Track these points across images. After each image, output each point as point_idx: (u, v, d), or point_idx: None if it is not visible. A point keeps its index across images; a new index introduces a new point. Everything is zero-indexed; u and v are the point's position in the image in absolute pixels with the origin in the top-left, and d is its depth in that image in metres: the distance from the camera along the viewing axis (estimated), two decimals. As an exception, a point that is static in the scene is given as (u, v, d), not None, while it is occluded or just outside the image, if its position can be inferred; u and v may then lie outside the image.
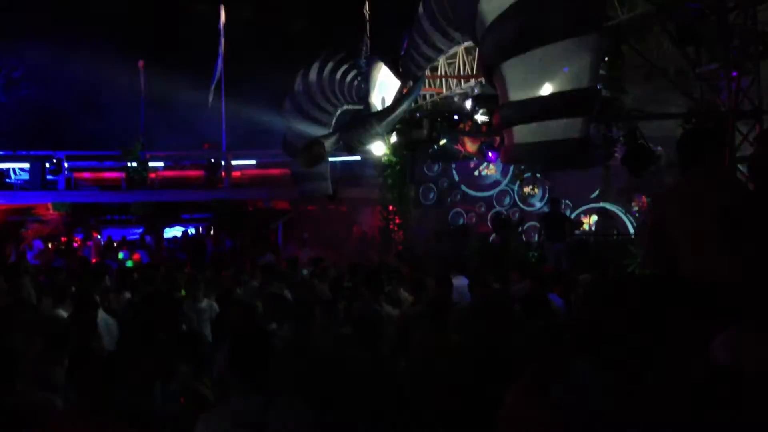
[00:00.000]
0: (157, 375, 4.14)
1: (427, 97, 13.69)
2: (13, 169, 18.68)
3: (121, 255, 17.11)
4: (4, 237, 17.76)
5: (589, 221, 14.70)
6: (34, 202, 17.88)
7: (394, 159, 14.49)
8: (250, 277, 9.20)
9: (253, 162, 20.25)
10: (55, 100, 25.95)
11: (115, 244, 18.87)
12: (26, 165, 18.30)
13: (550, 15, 6.70)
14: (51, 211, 17.65)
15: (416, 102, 12.82)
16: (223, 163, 19.22)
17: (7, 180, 18.50)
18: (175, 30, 25.56)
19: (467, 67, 12.16)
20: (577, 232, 13.10)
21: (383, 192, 15.10)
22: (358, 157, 17.16)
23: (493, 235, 13.87)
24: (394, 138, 12.86)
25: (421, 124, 12.15)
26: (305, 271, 9.87)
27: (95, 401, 3.13)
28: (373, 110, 11.90)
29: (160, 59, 23.54)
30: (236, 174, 19.42)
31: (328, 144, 11.96)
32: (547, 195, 14.86)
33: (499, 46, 7.21)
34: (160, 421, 3.99)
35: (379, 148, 13.01)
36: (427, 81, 12.76)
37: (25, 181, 18.19)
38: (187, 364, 4.38)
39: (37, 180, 17.83)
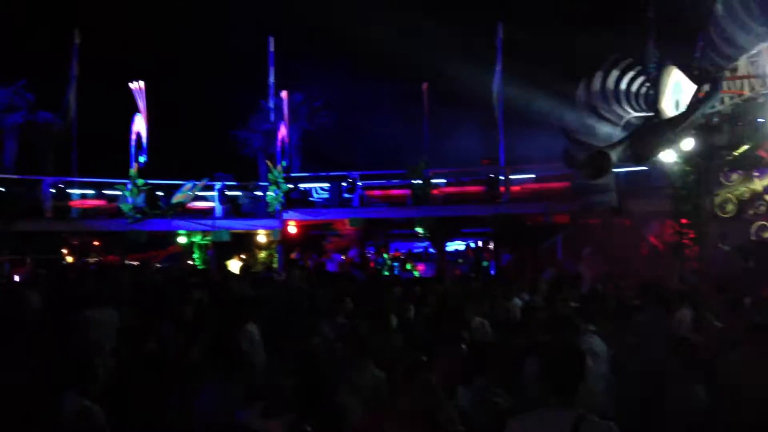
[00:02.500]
0: (458, 381, 4.28)
1: (726, 99, 12.49)
2: (315, 189, 20.71)
3: (408, 266, 18.22)
4: (306, 249, 19.83)
5: None
6: (333, 218, 19.64)
7: (687, 168, 13.43)
8: (531, 293, 9.14)
9: (533, 176, 20.12)
10: (348, 124, 28.41)
11: (402, 257, 20.12)
12: (326, 185, 20.20)
13: None
14: (347, 226, 19.27)
15: (714, 106, 11.77)
16: (501, 177, 19.39)
17: (310, 198, 20.54)
18: (454, 49, 26.47)
19: (775, 64, 10.92)
20: None
21: (675, 204, 14.06)
22: (644, 167, 16.24)
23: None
24: (688, 145, 11.92)
25: (721, 129, 11.16)
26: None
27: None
28: (664, 117, 11.19)
29: (440, 79, 24.58)
30: (515, 188, 19.44)
31: (614, 154, 11.48)
32: None
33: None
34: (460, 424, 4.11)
35: (670, 157, 12.20)
36: (725, 83, 11.68)
37: (325, 199, 20.06)
38: (481, 374, 4.47)
39: (335, 198, 19.59)
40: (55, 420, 4.10)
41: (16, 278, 14.02)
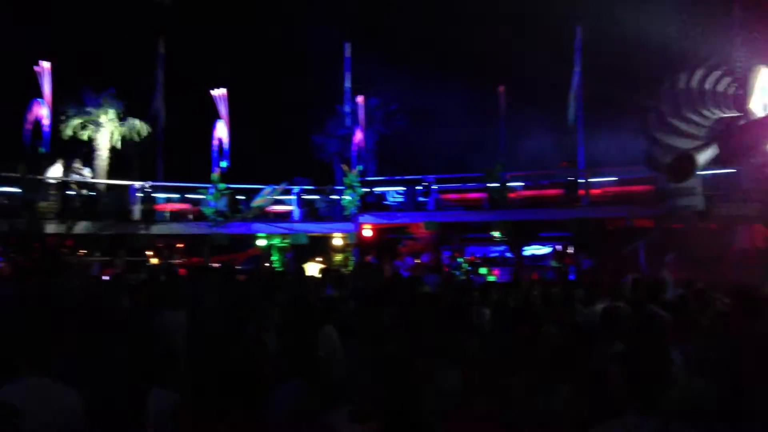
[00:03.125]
0: (539, 389, 4.24)
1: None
2: (391, 192, 20.81)
3: (483, 270, 18.09)
4: (383, 253, 19.94)
5: None
6: (408, 222, 19.68)
7: (779, 170, 12.85)
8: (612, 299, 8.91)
9: (614, 179, 19.61)
10: (424, 128, 28.46)
11: (477, 261, 19.97)
12: (402, 188, 20.28)
13: None
14: (423, 230, 19.27)
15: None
16: (581, 180, 19.01)
17: (385, 202, 20.65)
18: (533, 51, 26.18)
19: None
20: None
21: (764, 207, 13.46)
22: (731, 170, 15.64)
23: None
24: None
25: (816, 129, 10.63)
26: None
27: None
28: (753, 118, 10.77)
29: (517, 81, 24.35)
30: (596, 191, 19.00)
31: (700, 157, 11.13)
32: None
33: None
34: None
35: (759, 159, 11.71)
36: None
37: (400, 202, 20.13)
38: (563, 380, 4.40)
39: (410, 201, 19.64)
40: (145, 415, 4.28)
41: (105, 279, 14.63)
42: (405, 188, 20.17)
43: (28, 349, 3.76)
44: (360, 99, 22.94)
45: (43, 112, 18.54)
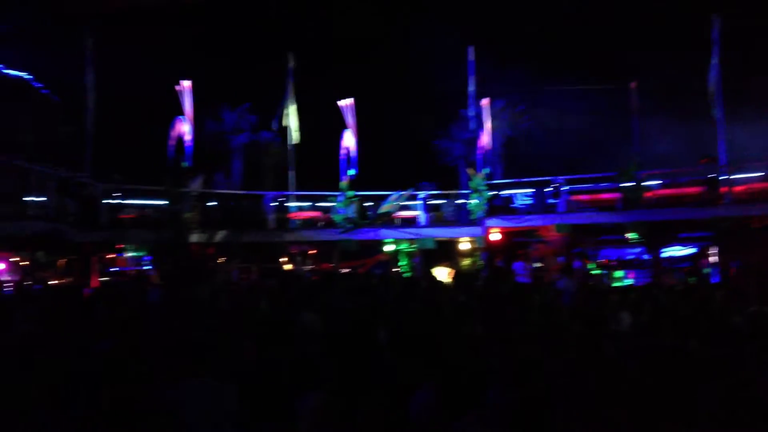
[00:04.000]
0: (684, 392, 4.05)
1: None
2: (518, 195, 20.46)
3: (619, 273, 17.42)
4: (510, 257, 19.65)
5: None
6: (537, 225, 19.29)
7: None
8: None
9: (760, 174, 18.32)
10: (552, 128, 27.80)
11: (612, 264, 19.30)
12: (530, 190, 19.90)
13: None
14: (553, 233, 18.82)
15: None
16: (723, 177, 17.95)
17: (512, 205, 20.34)
18: (666, 44, 25.05)
19: None
20: None
21: None
22: None
23: None
24: None
25: None
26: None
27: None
28: None
29: (649, 76, 23.40)
30: (739, 188, 17.86)
31: None
32: None
33: None
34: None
35: None
36: None
37: (529, 205, 19.76)
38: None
39: (539, 204, 19.24)
40: (296, 415, 4.43)
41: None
42: (533, 190, 19.78)
43: (190, 351, 4.04)
44: (485, 102, 22.77)
45: (185, 128, 19.70)
